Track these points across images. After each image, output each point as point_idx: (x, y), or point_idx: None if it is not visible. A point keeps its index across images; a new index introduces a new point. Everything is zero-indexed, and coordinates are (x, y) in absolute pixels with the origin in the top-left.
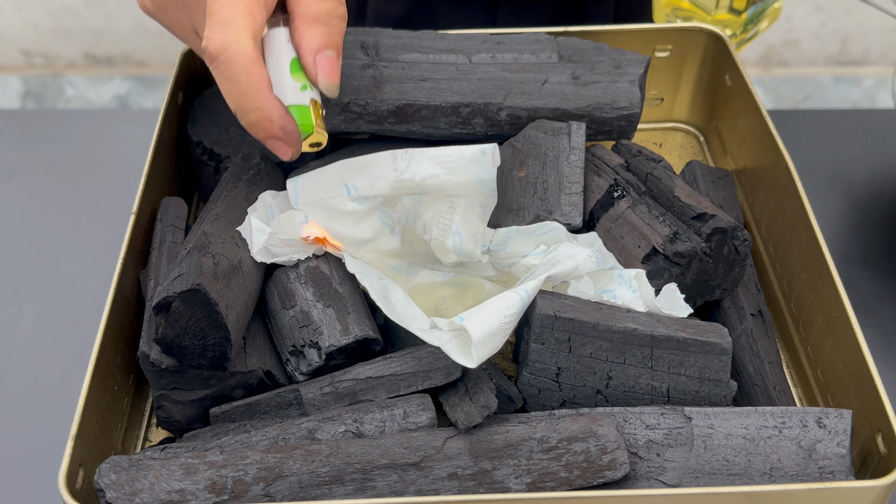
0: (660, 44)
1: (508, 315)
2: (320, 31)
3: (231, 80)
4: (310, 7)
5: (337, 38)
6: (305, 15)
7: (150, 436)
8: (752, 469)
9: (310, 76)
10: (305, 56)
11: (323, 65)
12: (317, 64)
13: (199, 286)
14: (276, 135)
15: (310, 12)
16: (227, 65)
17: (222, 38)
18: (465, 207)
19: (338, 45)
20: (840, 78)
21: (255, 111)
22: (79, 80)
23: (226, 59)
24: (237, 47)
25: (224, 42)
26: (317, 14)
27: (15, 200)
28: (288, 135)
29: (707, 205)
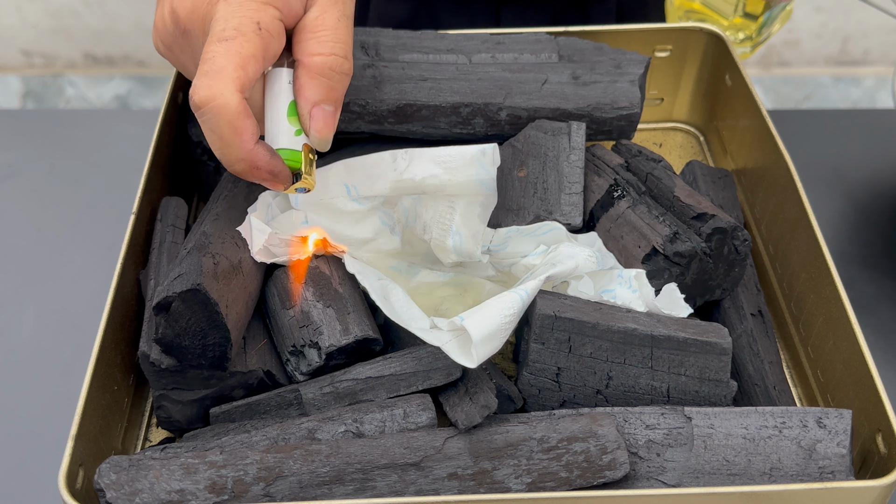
0: (660, 44)
1: (508, 315)
2: (321, 85)
3: (214, 132)
4: (314, 59)
5: (337, 93)
6: (309, 66)
7: (150, 436)
8: (752, 469)
9: (304, 126)
10: (302, 107)
11: (317, 118)
12: (312, 117)
13: (199, 286)
14: (264, 178)
15: (314, 63)
16: (211, 117)
17: (208, 90)
18: (465, 207)
19: (337, 101)
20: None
21: (239, 162)
22: (79, 80)
23: (209, 111)
24: (221, 100)
25: (209, 94)
26: (320, 67)
27: (15, 200)
28: (276, 176)
29: (707, 205)
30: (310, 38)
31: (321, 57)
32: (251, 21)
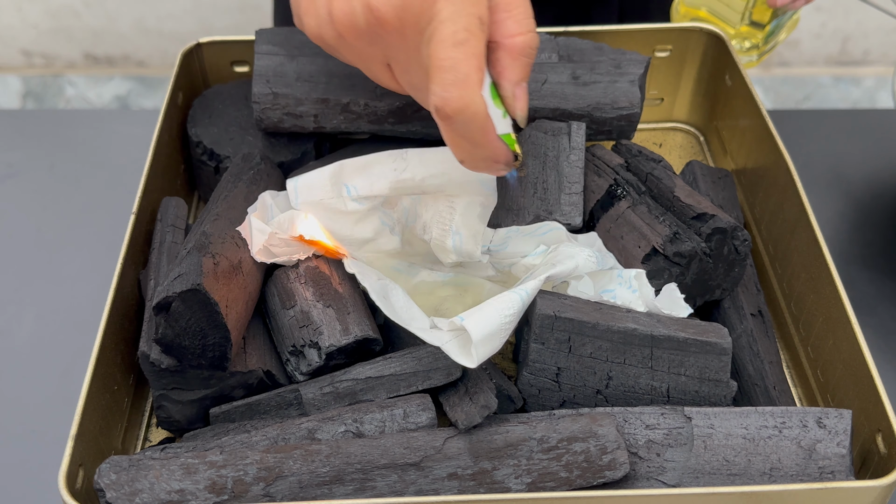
0: (660, 44)
1: (508, 315)
2: (522, 64)
3: (465, 137)
4: (516, 40)
5: (530, 69)
6: (511, 47)
7: (150, 436)
8: (752, 469)
9: (509, 107)
10: (507, 88)
11: (520, 98)
12: (516, 97)
13: (199, 286)
14: (500, 169)
15: (515, 45)
16: (464, 125)
17: (461, 101)
18: (465, 208)
19: (528, 77)
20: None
21: (485, 160)
22: (79, 80)
23: (463, 120)
24: (474, 108)
25: (462, 104)
26: (521, 47)
27: (15, 200)
28: (508, 165)
29: (707, 205)
30: (507, 18)
31: (521, 37)
32: (476, 18)
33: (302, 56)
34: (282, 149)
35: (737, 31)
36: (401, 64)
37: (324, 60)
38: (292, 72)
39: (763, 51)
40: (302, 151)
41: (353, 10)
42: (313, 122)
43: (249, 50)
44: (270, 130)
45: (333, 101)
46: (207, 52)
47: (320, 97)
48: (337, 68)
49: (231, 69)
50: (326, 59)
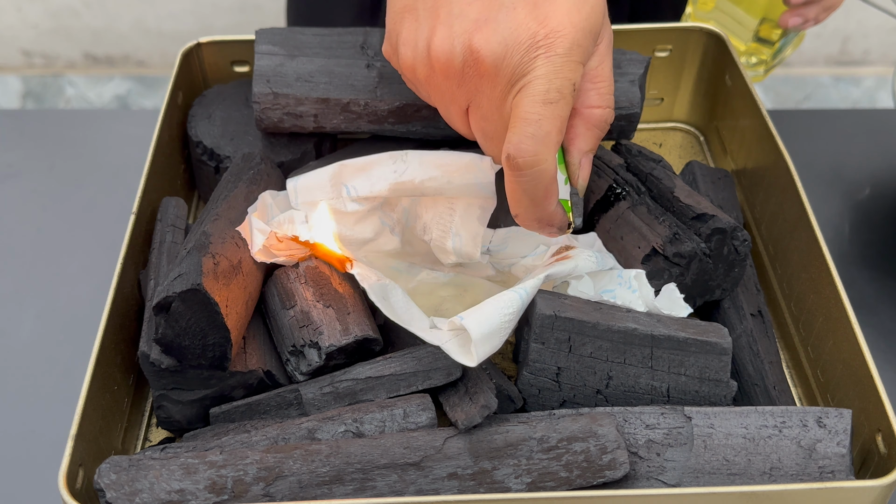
0: (660, 44)
1: (508, 313)
2: (594, 136)
3: (527, 194)
4: (594, 112)
5: (599, 142)
6: (588, 118)
7: (150, 436)
8: (752, 469)
9: (572, 175)
10: (574, 156)
11: (585, 168)
12: (582, 166)
13: (199, 286)
14: (550, 232)
15: (593, 116)
16: (530, 180)
17: (535, 156)
18: (465, 209)
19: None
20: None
21: (539, 221)
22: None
23: (531, 175)
24: (545, 166)
25: (536, 159)
26: (598, 120)
27: (15, 200)
28: (561, 230)
29: (707, 205)
30: (591, 90)
31: (600, 110)
32: (570, 83)
33: (302, 56)
34: (282, 149)
35: (746, 48)
36: (481, 110)
37: (324, 60)
38: (292, 72)
39: (770, 66)
40: (302, 151)
41: (454, 49)
42: (313, 122)
43: (249, 50)
44: (270, 130)
45: (333, 101)
46: (207, 52)
47: (320, 97)
48: (337, 68)
49: (231, 69)
50: (326, 59)
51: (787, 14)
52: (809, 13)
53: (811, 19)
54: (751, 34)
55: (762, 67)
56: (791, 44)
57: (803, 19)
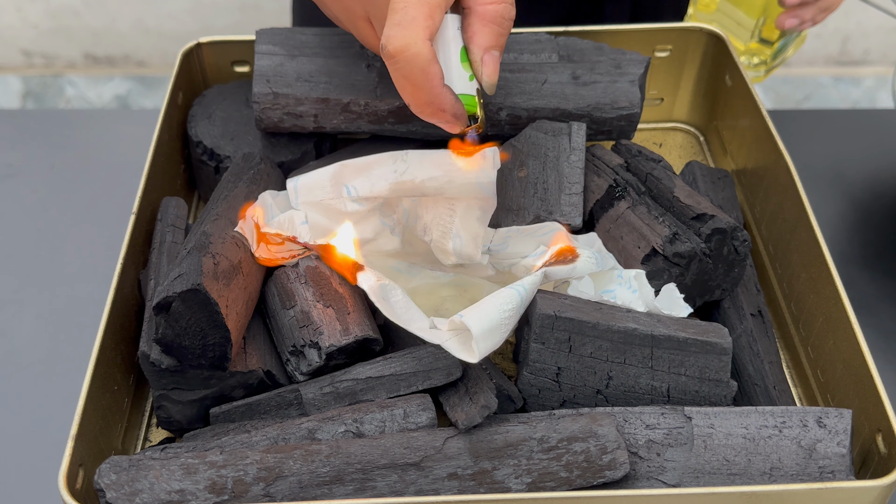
0: (660, 44)
1: (508, 310)
2: (492, 32)
3: (407, 79)
4: (487, 7)
5: (504, 39)
6: (482, 14)
7: (150, 436)
8: (752, 469)
9: (476, 72)
10: (475, 53)
11: (489, 64)
12: (483, 63)
13: (199, 286)
14: (446, 119)
15: (487, 12)
16: (405, 64)
17: (402, 40)
18: (465, 210)
19: (503, 46)
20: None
21: (428, 105)
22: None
23: (404, 59)
24: (415, 49)
25: (404, 43)
26: (493, 15)
27: (15, 200)
28: (459, 118)
29: (707, 205)
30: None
31: (494, 6)
32: None
33: (302, 56)
34: (282, 149)
35: (746, 48)
36: (378, 18)
37: (324, 60)
38: (292, 72)
39: (770, 66)
40: (302, 151)
41: None
42: (313, 122)
43: (249, 50)
44: (270, 130)
45: (333, 100)
46: (207, 52)
47: (320, 97)
48: (337, 68)
49: (231, 69)
50: (327, 59)
51: (783, 15)
52: (806, 14)
53: (808, 20)
54: (749, 34)
55: (763, 68)
56: (792, 44)
57: (799, 20)
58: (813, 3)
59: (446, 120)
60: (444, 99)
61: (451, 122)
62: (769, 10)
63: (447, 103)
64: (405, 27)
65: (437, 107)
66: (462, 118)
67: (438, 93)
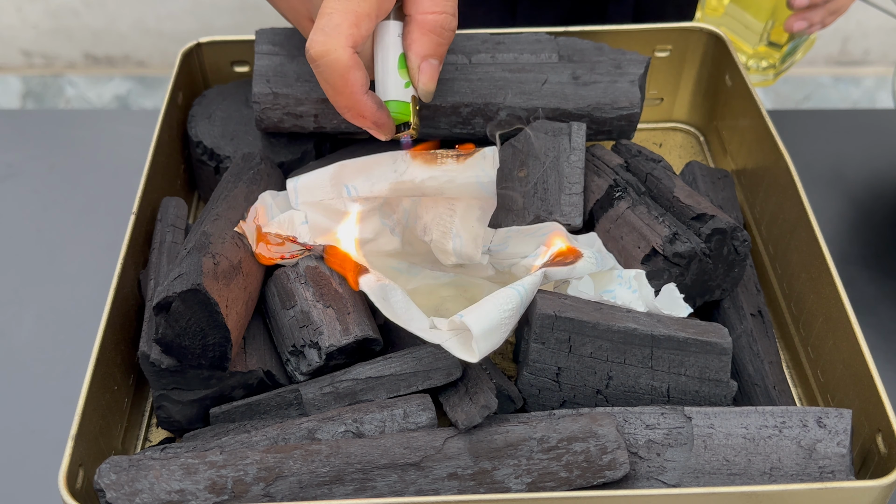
0: (660, 44)
1: (507, 310)
2: (431, 41)
3: (328, 83)
4: (427, 17)
5: (443, 48)
6: (422, 23)
7: (150, 436)
8: (752, 469)
9: (412, 79)
10: (412, 60)
11: (426, 72)
12: (421, 70)
13: (199, 286)
14: (368, 126)
15: (426, 21)
16: (325, 69)
17: (323, 45)
18: (465, 210)
19: (442, 56)
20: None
21: (348, 110)
22: (79, 80)
23: (324, 65)
24: (334, 56)
25: (324, 49)
26: (432, 24)
27: (15, 200)
28: (380, 126)
29: (707, 205)
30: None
31: (434, 15)
32: None
33: (302, 56)
34: (282, 149)
35: (754, 51)
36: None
37: None
38: (292, 72)
39: (779, 70)
40: (302, 151)
41: None
42: (313, 122)
43: (249, 50)
44: (270, 130)
45: None
46: (207, 52)
47: (320, 97)
48: None
49: (231, 69)
50: None
51: (791, 18)
52: (814, 17)
53: (817, 23)
54: (758, 38)
55: (772, 72)
56: (801, 48)
57: (808, 23)
58: (822, 5)
59: (367, 126)
60: (364, 106)
61: (373, 129)
62: (777, 14)
63: (367, 110)
64: (328, 33)
65: (357, 112)
66: (384, 126)
67: (358, 99)
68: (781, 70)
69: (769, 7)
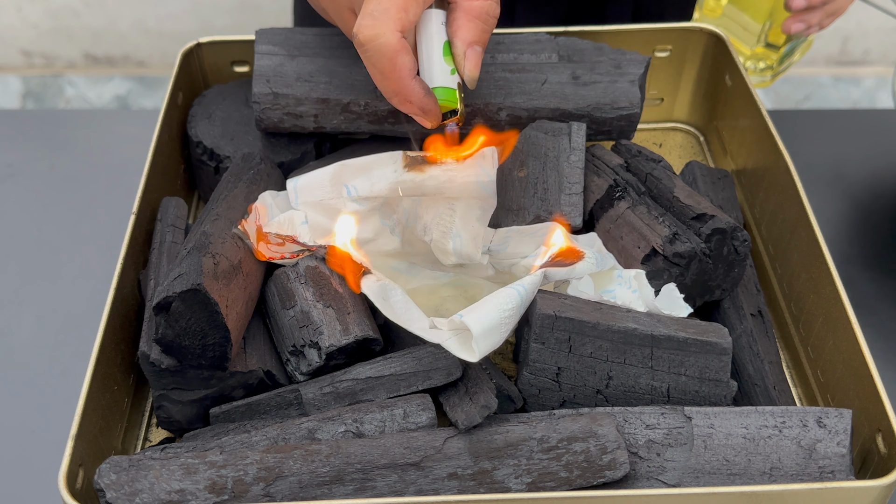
0: (660, 44)
1: (507, 309)
2: (477, 28)
3: (376, 67)
4: (473, 3)
5: (487, 35)
6: (468, 10)
7: (150, 436)
8: (752, 469)
9: (458, 66)
10: (458, 47)
11: (472, 59)
12: (466, 57)
13: (199, 286)
14: (415, 112)
15: (472, 7)
16: (374, 54)
17: (372, 30)
18: (465, 210)
19: (486, 42)
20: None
21: (396, 95)
22: (79, 80)
23: (373, 49)
24: (383, 39)
25: (373, 33)
26: (478, 11)
27: (15, 200)
28: (426, 113)
29: (707, 205)
30: None
31: (480, 2)
32: None
33: (302, 56)
34: (282, 149)
35: (752, 52)
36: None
37: (324, 60)
38: (292, 72)
39: (777, 71)
40: (302, 151)
41: None
42: (313, 122)
43: (249, 50)
44: (270, 130)
45: (333, 101)
46: (207, 52)
47: (320, 97)
48: (337, 68)
49: (231, 69)
50: (327, 60)
51: (789, 20)
52: (812, 19)
53: (814, 25)
54: (755, 39)
55: (769, 73)
56: (799, 49)
57: (806, 25)
58: (819, 7)
59: (414, 112)
60: (412, 91)
61: (419, 115)
62: (775, 15)
63: (415, 95)
64: (377, 17)
65: (405, 97)
66: (431, 113)
67: (406, 84)
68: (779, 71)
69: (767, 8)
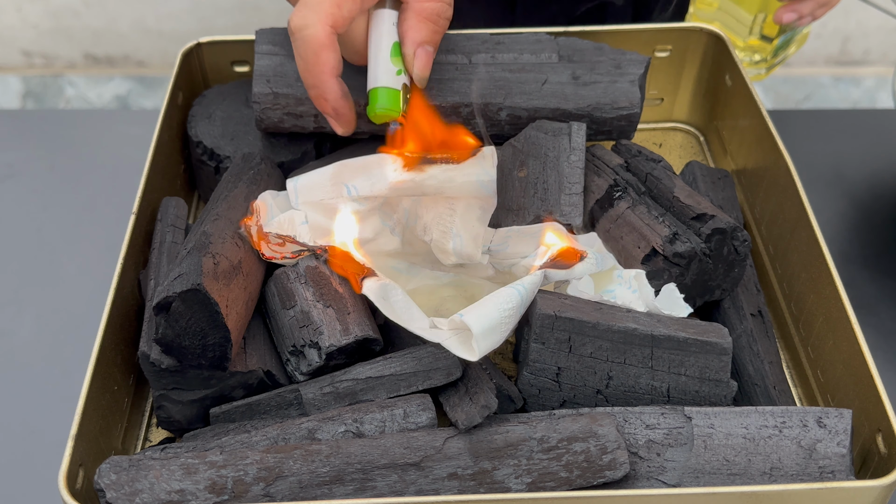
0: (660, 44)
1: (507, 309)
2: (427, 28)
3: (301, 57)
4: (425, 4)
5: (438, 36)
6: (419, 10)
7: (150, 436)
8: (752, 469)
9: (407, 66)
10: (408, 47)
11: (421, 58)
12: (416, 56)
13: (199, 286)
14: (328, 112)
15: (423, 8)
16: (301, 43)
17: (303, 19)
18: (465, 210)
19: (437, 43)
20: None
21: (313, 88)
22: (79, 80)
23: (300, 38)
24: (311, 31)
25: (304, 23)
26: (429, 12)
27: (15, 200)
28: (339, 116)
29: (707, 205)
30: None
31: (431, 3)
32: None
33: None
34: (282, 149)
35: (746, 45)
36: None
37: None
38: (292, 72)
39: (771, 64)
40: (302, 151)
41: None
42: (313, 122)
43: (249, 50)
44: (270, 130)
45: None
46: (207, 52)
47: None
48: None
49: (231, 69)
50: None
51: (781, 10)
52: (804, 9)
53: (807, 15)
54: (748, 30)
55: (764, 66)
56: (794, 42)
57: (798, 15)
58: None
59: (327, 111)
60: (329, 89)
61: (332, 117)
62: (769, 7)
63: (331, 94)
64: (310, 8)
65: (321, 93)
66: (343, 117)
67: (324, 80)
68: (774, 64)
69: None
